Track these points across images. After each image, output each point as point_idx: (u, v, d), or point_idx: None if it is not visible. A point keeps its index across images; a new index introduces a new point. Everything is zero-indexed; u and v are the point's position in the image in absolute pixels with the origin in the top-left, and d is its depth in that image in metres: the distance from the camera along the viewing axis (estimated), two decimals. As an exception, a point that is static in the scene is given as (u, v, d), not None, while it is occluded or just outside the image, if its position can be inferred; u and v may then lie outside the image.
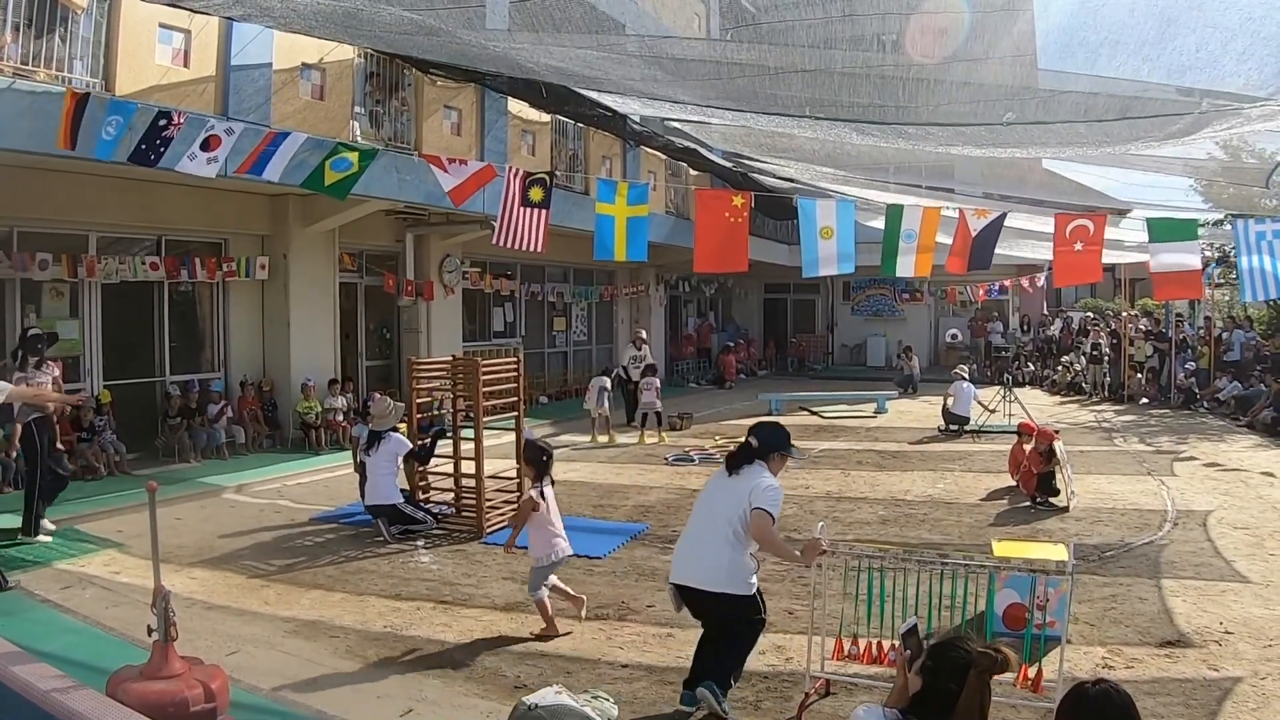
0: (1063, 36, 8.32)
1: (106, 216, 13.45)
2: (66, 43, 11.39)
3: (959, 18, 9.71)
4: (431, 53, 9.93)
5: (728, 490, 5.88)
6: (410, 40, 9.03)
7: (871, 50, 8.64)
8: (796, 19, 8.45)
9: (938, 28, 10.15)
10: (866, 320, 35.94)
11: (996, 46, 8.66)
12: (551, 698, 3.00)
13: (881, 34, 10.91)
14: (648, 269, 26.92)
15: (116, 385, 13.80)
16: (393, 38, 9.32)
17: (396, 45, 9.97)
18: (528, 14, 8.31)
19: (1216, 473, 14.06)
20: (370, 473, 10.38)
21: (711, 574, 5.76)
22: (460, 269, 19.71)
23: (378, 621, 7.59)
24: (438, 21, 8.03)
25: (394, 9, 7.55)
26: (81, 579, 8.50)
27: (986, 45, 8.74)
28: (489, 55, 8.69)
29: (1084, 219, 9.73)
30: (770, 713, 5.93)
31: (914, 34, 10.28)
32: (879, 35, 10.94)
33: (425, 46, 8.99)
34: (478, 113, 18.30)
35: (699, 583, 5.80)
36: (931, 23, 10.06)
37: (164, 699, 5.11)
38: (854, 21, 10.33)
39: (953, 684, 3.40)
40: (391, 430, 10.49)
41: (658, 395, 18.33)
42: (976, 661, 3.43)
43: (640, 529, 10.74)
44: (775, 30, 8.55)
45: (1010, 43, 8.90)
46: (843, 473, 14.25)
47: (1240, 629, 7.31)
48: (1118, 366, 24.68)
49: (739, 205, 9.68)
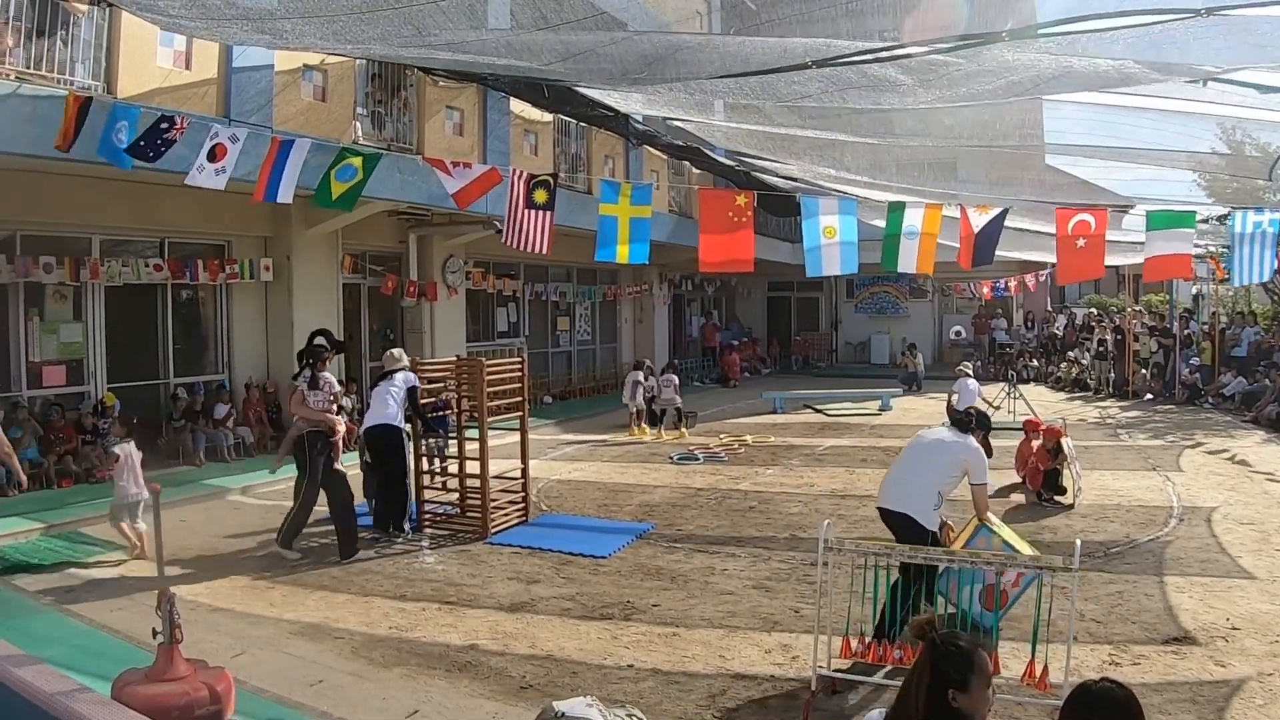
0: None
1: (109, 219, 13.44)
2: (68, 46, 11.38)
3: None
4: (430, 59, 9.89)
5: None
6: (409, 47, 9.00)
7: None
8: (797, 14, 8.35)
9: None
10: (870, 318, 35.91)
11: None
12: (581, 709, 2.97)
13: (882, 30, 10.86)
14: (651, 268, 26.88)
15: (120, 388, 13.79)
16: (391, 48, 9.30)
17: (395, 52, 9.94)
18: (530, 10, 8.27)
19: (1222, 468, 14.03)
20: (373, 400, 10.56)
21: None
22: (463, 269, 19.70)
23: (383, 623, 7.59)
24: (440, 34, 8.00)
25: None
26: (86, 581, 8.51)
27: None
28: (489, 51, 8.65)
29: (1086, 214, 9.73)
30: (776, 711, 5.92)
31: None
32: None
33: (421, 51, 8.95)
34: (480, 113, 18.27)
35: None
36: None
37: (169, 702, 5.11)
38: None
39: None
40: (406, 372, 10.61)
41: (677, 391, 18.70)
42: (912, 628, 3.58)
43: (645, 528, 10.74)
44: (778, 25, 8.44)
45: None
46: (848, 470, 14.24)
47: (1247, 625, 7.29)
48: (1122, 362, 24.65)
49: (742, 204, 9.68)
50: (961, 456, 6.81)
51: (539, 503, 11.98)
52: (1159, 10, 5.89)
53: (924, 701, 3.27)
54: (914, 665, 3.38)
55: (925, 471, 6.87)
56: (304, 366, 9.80)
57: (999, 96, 8.72)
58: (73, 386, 13.27)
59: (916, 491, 6.82)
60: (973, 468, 6.79)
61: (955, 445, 6.89)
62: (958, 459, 6.81)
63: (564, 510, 11.80)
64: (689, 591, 8.37)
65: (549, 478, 13.80)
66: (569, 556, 9.55)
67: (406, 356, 11.01)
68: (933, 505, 6.73)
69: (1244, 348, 23.30)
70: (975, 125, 13.50)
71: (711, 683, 6.33)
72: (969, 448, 6.83)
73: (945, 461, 6.84)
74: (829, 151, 13.98)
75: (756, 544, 10.04)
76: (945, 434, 7.08)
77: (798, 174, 16.26)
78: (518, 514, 10.99)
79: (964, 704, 3.22)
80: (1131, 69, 7.36)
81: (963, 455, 6.81)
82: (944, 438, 7.04)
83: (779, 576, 8.79)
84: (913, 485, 6.88)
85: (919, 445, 7.15)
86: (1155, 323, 25.63)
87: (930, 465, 6.88)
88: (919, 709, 3.28)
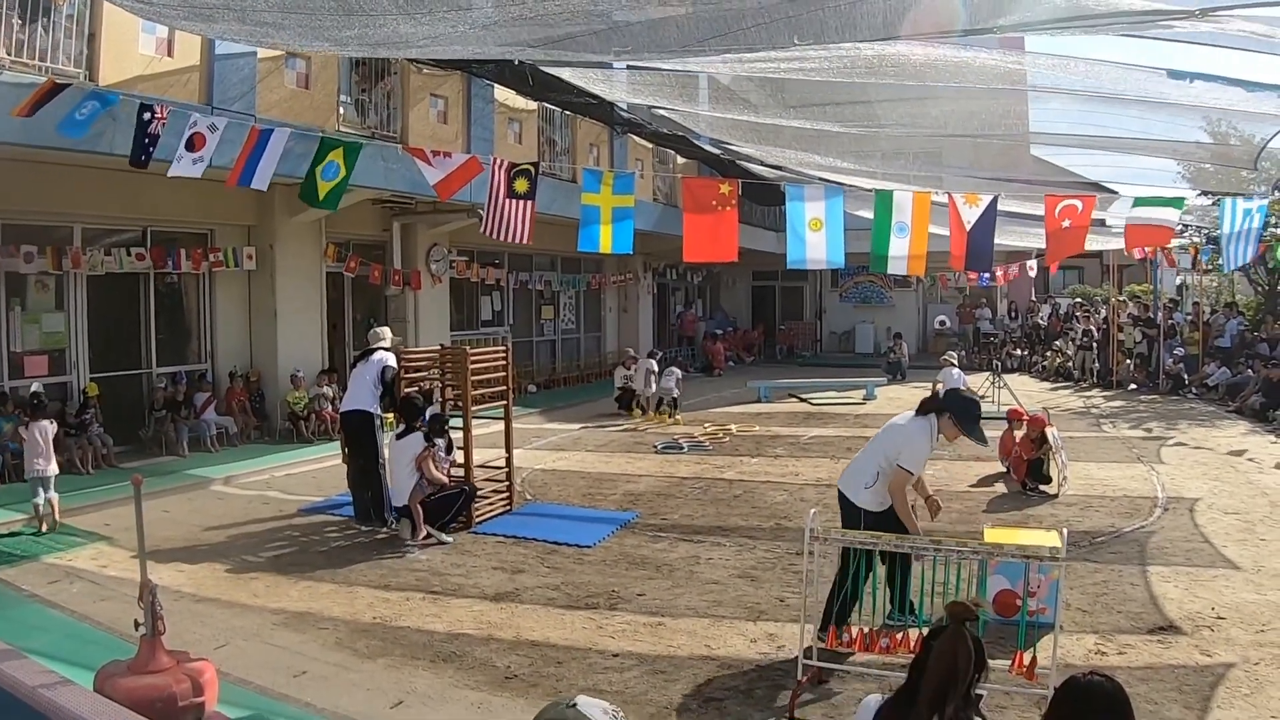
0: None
1: (92, 208, 13.33)
2: (49, 33, 11.28)
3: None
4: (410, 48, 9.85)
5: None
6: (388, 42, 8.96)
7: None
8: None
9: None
10: (855, 308, 35.98)
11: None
12: (596, 713, 2.91)
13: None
14: (635, 257, 26.85)
15: (103, 378, 13.70)
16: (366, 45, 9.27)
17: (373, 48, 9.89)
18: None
19: (1206, 458, 14.08)
20: (350, 382, 10.81)
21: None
22: (447, 258, 19.62)
23: (367, 613, 7.56)
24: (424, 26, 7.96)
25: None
26: (69, 573, 8.45)
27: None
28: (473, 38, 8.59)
29: (1073, 198, 9.73)
30: (763, 701, 5.91)
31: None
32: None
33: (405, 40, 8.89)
34: (464, 101, 18.20)
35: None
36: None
37: (152, 694, 5.07)
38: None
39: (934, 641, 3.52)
40: (383, 349, 10.64)
41: (677, 384, 19.10)
42: (951, 611, 3.56)
43: (630, 517, 10.72)
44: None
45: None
46: (833, 460, 14.24)
47: (1232, 614, 7.31)
48: (1106, 352, 24.72)
49: (726, 193, 9.62)
50: (898, 438, 6.80)
51: (523, 492, 11.96)
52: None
53: (968, 685, 3.35)
54: (951, 652, 3.38)
55: (871, 452, 6.95)
56: (435, 432, 10.08)
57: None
58: (55, 377, 13.17)
59: (855, 470, 6.97)
60: (902, 449, 6.69)
61: (903, 427, 6.88)
62: (895, 439, 6.80)
63: (548, 499, 11.78)
64: (674, 581, 8.36)
65: (533, 467, 13.76)
66: (554, 546, 9.53)
67: (390, 336, 10.96)
68: (864, 484, 6.78)
69: (1228, 338, 23.39)
70: (961, 116, 13.51)
71: (697, 672, 6.32)
72: (909, 430, 6.79)
73: (888, 441, 6.85)
74: (814, 141, 13.99)
75: (741, 533, 10.04)
76: (904, 417, 7.04)
77: (782, 161, 16.26)
78: (502, 503, 10.96)
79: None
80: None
81: (899, 437, 6.80)
82: (899, 421, 7.02)
83: (764, 565, 8.79)
84: (856, 464, 7.03)
85: (881, 430, 7.17)
86: (1139, 313, 25.69)
87: (877, 445, 6.93)
88: (960, 692, 3.32)
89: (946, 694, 3.33)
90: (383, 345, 10.67)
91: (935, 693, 3.35)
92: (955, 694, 3.33)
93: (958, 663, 3.36)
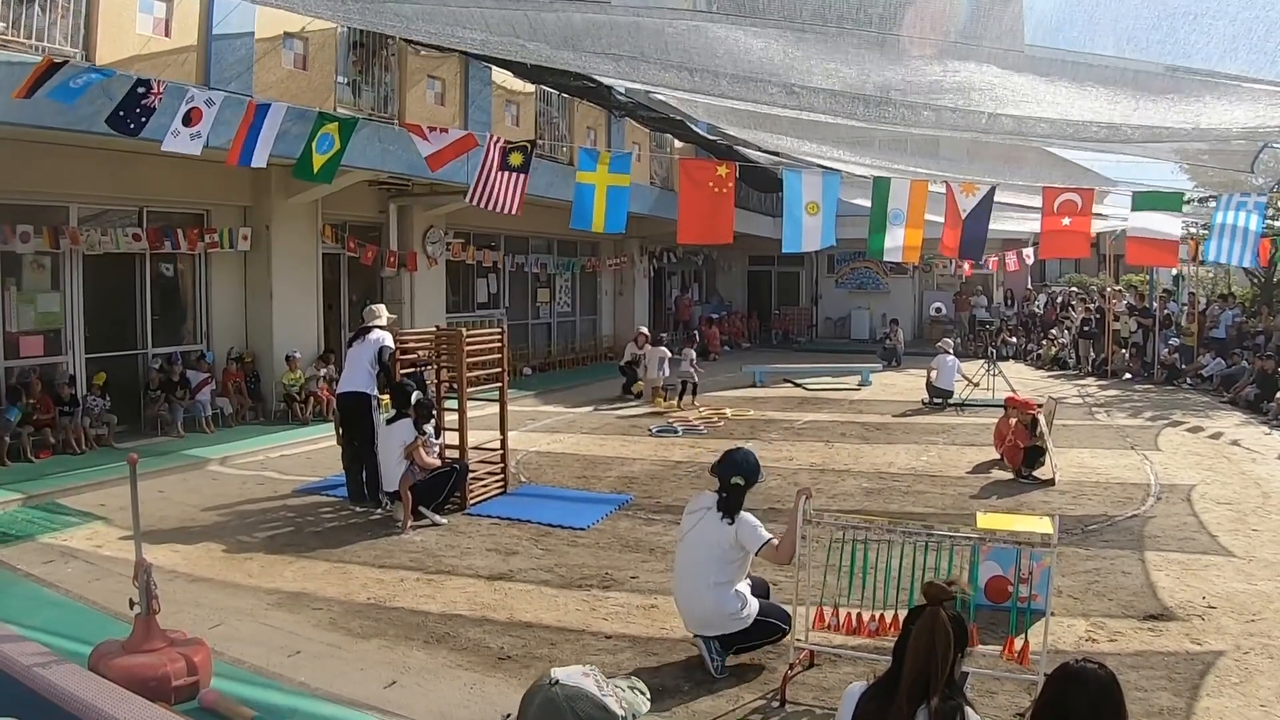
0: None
1: (88, 188, 13.30)
2: (46, 11, 11.23)
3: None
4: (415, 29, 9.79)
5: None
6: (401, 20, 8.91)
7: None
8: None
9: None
10: (851, 293, 35.98)
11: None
12: (577, 678, 2.90)
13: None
14: (631, 240, 26.86)
15: (99, 358, 13.70)
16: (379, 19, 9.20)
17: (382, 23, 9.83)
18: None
19: (1200, 448, 14.12)
20: (346, 363, 10.89)
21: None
22: (444, 240, 19.60)
23: (361, 593, 7.58)
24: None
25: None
26: (64, 553, 8.47)
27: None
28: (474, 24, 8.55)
29: (1072, 193, 9.72)
30: (754, 684, 5.94)
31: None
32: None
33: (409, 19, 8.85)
34: (461, 83, 18.14)
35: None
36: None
37: (146, 673, 5.10)
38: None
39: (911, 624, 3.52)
40: (379, 327, 10.68)
41: (693, 365, 18.80)
42: (926, 593, 3.54)
43: (624, 500, 10.75)
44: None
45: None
46: (826, 445, 14.28)
47: (1223, 603, 7.35)
48: (1102, 342, 24.75)
49: (723, 175, 9.60)
50: (727, 536, 6.06)
51: (518, 474, 11.98)
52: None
53: (949, 668, 3.36)
54: (929, 634, 3.40)
55: (706, 574, 6.05)
56: (423, 419, 10.00)
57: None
58: (50, 357, 13.15)
59: (710, 602, 6.04)
60: (745, 539, 6.06)
61: (722, 527, 6.11)
62: (728, 540, 6.06)
63: (543, 482, 11.79)
64: (667, 563, 8.35)
65: (528, 449, 13.78)
66: (548, 528, 9.55)
67: (386, 314, 10.95)
68: (740, 604, 6.06)
69: (1223, 329, 23.41)
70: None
71: (690, 653, 6.33)
72: (728, 528, 6.06)
73: (719, 550, 6.05)
74: (812, 129, 13.95)
75: (735, 517, 10.04)
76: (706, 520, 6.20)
77: (780, 148, 16.23)
78: (497, 485, 10.97)
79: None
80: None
81: (726, 534, 6.06)
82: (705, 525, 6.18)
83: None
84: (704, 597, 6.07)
85: (686, 546, 6.29)
86: (1135, 302, 25.70)
87: (708, 564, 6.06)
88: (941, 676, 3.34)
89: (927, 678, 3.35)
90: (378, 324, 10.67)
91: (916, 676, 3.37)
92: (937, 677, 3.35)
93: (935, 645, 3.37)
